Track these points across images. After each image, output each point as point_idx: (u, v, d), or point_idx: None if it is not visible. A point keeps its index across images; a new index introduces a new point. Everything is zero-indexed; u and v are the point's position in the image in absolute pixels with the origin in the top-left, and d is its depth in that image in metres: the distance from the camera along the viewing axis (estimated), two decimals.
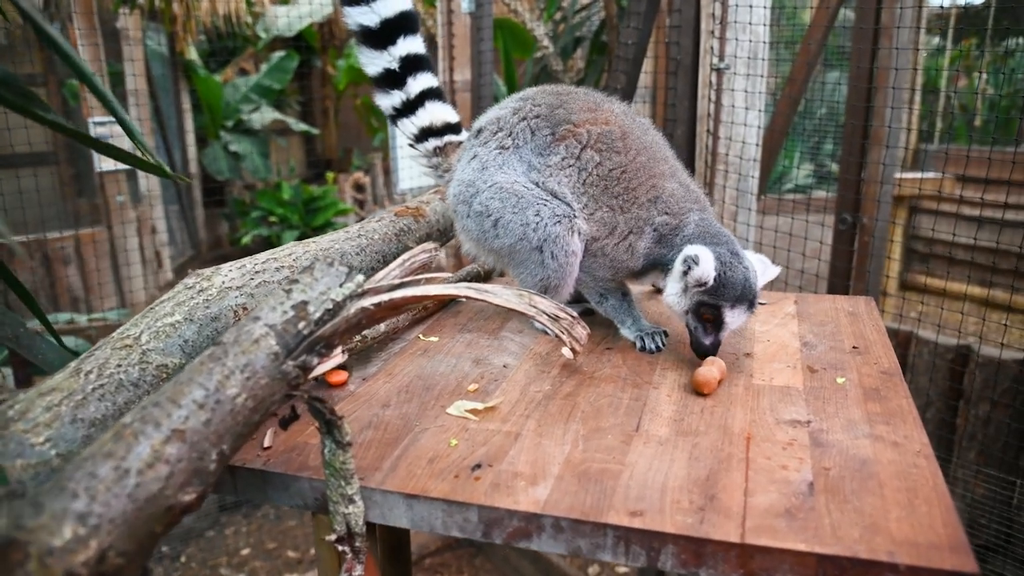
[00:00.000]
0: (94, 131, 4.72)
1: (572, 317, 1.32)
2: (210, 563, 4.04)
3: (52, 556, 0.74)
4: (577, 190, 1.65)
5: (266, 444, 1.22)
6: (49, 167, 6.13)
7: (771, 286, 3.32)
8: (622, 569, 3.79)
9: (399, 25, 1.83)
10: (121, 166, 4.82)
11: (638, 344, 1.61)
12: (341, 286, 1.03)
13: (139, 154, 1.15)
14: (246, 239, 6.90)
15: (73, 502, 0.77)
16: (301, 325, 0.99)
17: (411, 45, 1.86)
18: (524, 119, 1.72)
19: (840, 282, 3.67)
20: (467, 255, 1.84)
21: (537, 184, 1.68)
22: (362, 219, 2.09)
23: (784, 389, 1.37)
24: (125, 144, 1.12)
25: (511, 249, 1.67)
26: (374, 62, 1.86)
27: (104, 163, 4.80)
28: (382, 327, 1.55)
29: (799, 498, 1.05)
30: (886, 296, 4.28)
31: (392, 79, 1.88)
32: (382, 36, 1.83)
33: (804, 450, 1.17)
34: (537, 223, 1.62)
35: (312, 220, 7.01)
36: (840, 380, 1.40)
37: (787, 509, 1.02)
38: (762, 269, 1.58)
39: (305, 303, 1.00)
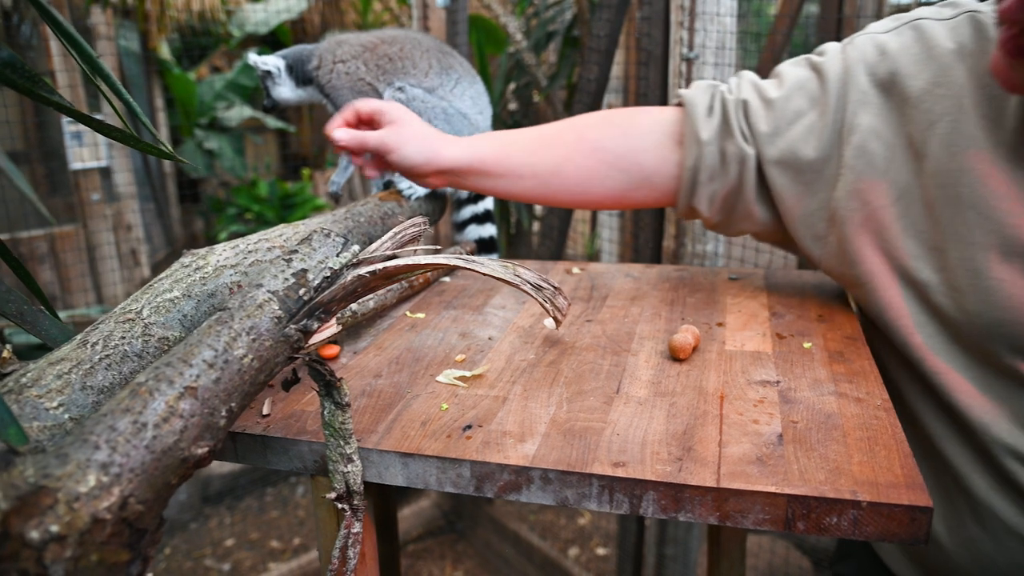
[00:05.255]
0: (67, 128, 4.72)
1: (554, 288, 1.39)
2: (194, 555, 4.07)
3: (78, 501, 0.79)
4: None
5: (265, 412, 1.28)
6: (22, 166, 6.09)
7: (741, 264, 3.42)
8: (600, 551, 3.88)
9: None
10: (94, 164, 4.85)
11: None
12: (338, 255, 1.09)
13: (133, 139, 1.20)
14: (222, 236, 6.90)
15: (96, 453, 0.83)
16: (302, 291, 1.05)
17: None
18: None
19: (811, 265, 3.77)
20: None
21: None
22: None
23: (755, 354, 1.45)
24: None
25: None
26: None
27: (78, 161, 4.80)
28: (371, 303, 1.61)
29: (769, 448, 1.13)
30: None
31: None
32: None
33: (774, 406, 1.25)
34: None
35: (288, 216, 7.03)
36: (807, 345, 1.48)
37: (758, 457, 1.10)
38: None
39: (304, 271, 1.06)
